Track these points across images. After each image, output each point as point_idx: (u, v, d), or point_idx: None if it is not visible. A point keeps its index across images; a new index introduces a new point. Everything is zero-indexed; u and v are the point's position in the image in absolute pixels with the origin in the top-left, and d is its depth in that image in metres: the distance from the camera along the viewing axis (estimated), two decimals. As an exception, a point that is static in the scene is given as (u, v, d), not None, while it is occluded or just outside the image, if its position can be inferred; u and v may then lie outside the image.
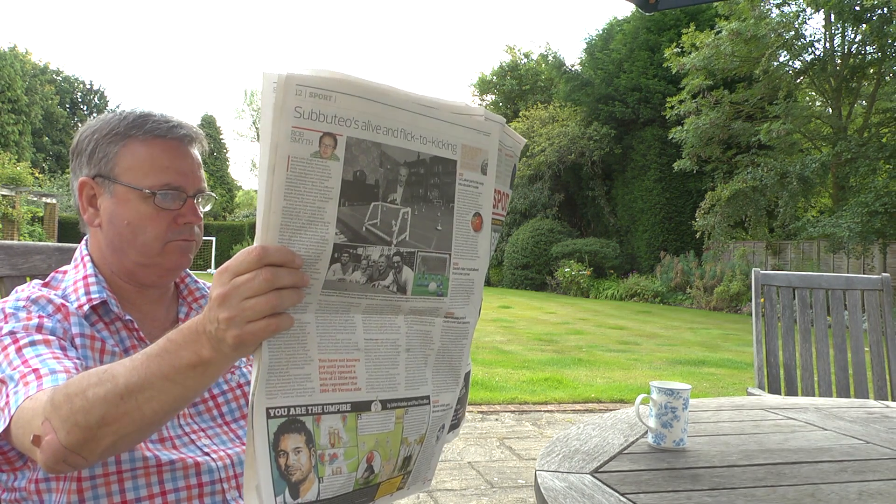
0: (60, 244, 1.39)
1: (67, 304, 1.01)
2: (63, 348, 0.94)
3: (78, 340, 0.98)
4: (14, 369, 0.88)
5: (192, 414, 1.08)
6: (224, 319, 0.66)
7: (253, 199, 40.08)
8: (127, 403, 0.75)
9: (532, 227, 19.95)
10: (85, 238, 1.12)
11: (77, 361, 0.93)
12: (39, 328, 0.95)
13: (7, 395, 0.86)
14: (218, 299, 0.66)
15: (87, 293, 1.03)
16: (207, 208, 1.11)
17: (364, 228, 0.68)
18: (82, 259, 1.09)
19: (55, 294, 1.03)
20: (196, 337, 0.71)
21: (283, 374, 0.69)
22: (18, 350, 0.91)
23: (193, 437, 1.05)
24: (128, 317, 1.05)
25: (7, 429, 0.84)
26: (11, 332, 0.93)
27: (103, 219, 1.05)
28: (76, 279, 1.05)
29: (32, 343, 0.92)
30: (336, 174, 0.66)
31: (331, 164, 0.65)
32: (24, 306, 0.98)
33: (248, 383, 1.16)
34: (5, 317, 0.96)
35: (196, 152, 1.10)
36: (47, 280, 1.08)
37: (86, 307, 1.01)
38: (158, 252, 1.05)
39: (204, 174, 1.11)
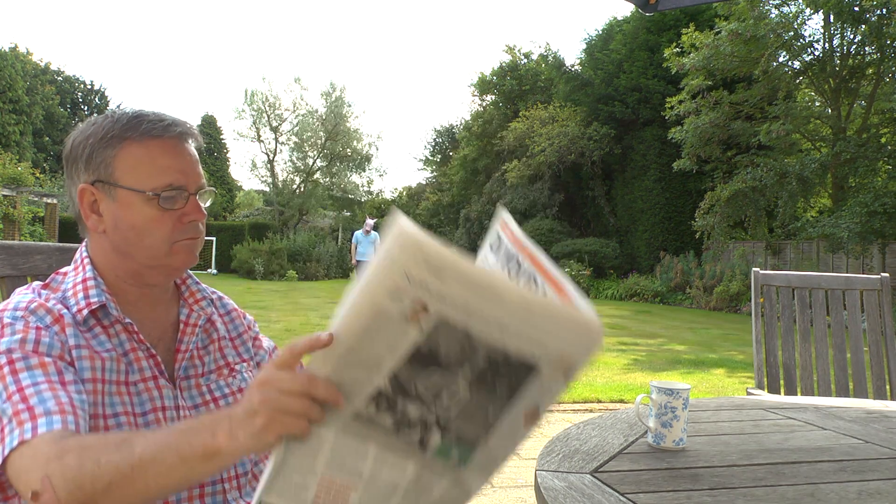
0: (61, 244, 1.39)
1: (66, 310, 1.00)
2: (59, 372, 0.92)
3: (74, 353, 0.97)
4: (8, 398, 0.88)
5: (192, 416, 1.07)
6: (258, 401, 0.69)
7: (253, 199, 40.02)
8: (136, 474, 0.76)
9: (532, 227, 19.94)
10: (85, 240, 1.12)
11: (73, 388, 0.92)
12: (36, 346, 0.94)
13: (1, 430, 0.86)
14: (258, 383, 0.71)
15: (86, 297, 1.02)
16: (208, 203, 1.11)
17: (414, 389, 0.68)
18: (82, 261, 1.08)
19: (54, 298, 1.03)
20: (219, 419, 0.74)
21: (286, 475, 0.71)
22: (14, 373, 0.90)
23: None
24: (127, 320, 1.04)
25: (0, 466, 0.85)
26: (8, 350, 0.92)
27: (108, 224, 1.05)
28: (75, 282, 1.05)
29: (29, 367, 0.91)
30: (413, 340, 0.65)
31: (412, 330, 0.65)
32: (21, 317, 0.97)
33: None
34: (2, 327, 0.95)
35: (193, 148, 1.09)
36: (47, 281, 1.08)
37: (84, 311, 1.01)
38: (166, 253, 1.04)
39: (202, 170, 1.10)
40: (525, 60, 26.17)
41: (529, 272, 0.75)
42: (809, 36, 14.49)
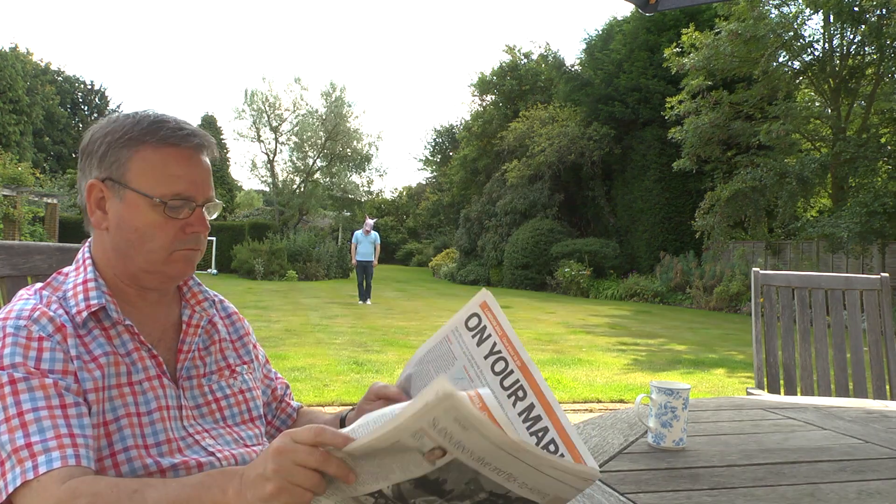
0: (61, 244, 1.40)
1: (66, 314, 1.00)
2: (60, 395, 0.93)
3: (76, 363, 0.97)
4: (6, 420, 0.88)
5: (195, 416, 1.08)
6: (272, 470, 0.72)
7: (253, 199, 40.01)
8: None
9: (532, 227, 19.95)
10: (88, 240, 1.12)
11: (73, 412, 0.92)
12: (38, 363, 0.94)
13: (1, 464, 0.87)
14: (274, 451, 0.73)
15: (86, 298, 1.02)
16: (214, 216, 1.11)
17: (412, 503, 0.72)
18: (84, 261, 1.08)
19: (55, 298, 1.03)
20: (231, 477, 0.78)
21: None
22: (15, 394, 0.90)
23: (197, 437, 1.05)
24: (127, 321, 1.04)
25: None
26: (12, 366, 0.92)
27: (111, 223, 1.05)
28: (76, 283, 1.05)
29: (30, 388, 0.91)
30: (424, 470, 0.69)
31: (426, 464, 0.69)
32: (24, 325, 0.96)
33: (249, 390, 1.17)
34: (4, 336, 0.95)
35: (207, 160, 1.10)
36: (48, 281, 1.08)
37: (84, 313, 1.01)
38: (164, 260, 1.05)
39: (213, 182, 1.11)
40: (525, 60, 26.18)
41: (520, 382, 0.86)
42: (809, 36, 14.50)
